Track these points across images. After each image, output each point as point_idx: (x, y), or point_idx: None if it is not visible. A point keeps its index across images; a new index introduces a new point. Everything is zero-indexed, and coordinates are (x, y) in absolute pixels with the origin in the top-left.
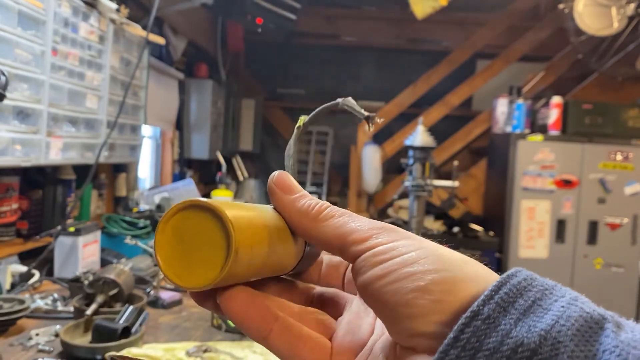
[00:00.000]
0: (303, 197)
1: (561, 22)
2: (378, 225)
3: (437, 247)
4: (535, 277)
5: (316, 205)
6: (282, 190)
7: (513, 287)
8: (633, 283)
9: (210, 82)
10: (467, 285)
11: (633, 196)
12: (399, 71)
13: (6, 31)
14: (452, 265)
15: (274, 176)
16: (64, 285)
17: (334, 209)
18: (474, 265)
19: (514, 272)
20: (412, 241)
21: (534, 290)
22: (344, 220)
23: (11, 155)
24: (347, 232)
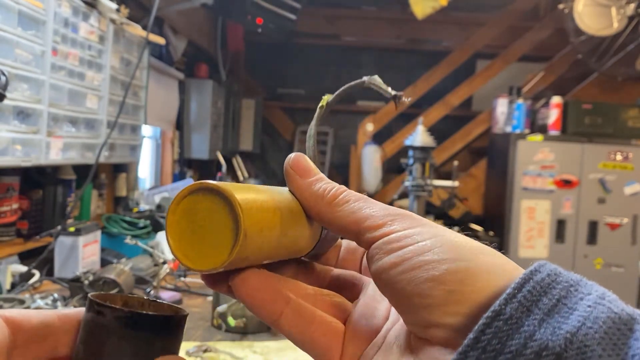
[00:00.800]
0: (319, 180)
1: (561, 22)
2: (394, 212)
3: (453, 235)
4: (559, 272)
5: (332, 189)
6: (298, 173)
7: (537, 284)
8: (633, 283)
9: (210, 82)
10: (484, 277)
11: (633, 196)
12: (399, 71)
13: (6, 31)
14: (468, 255)
15: (290, 158)
16: (64, 285)
17: (350, 194)
18: (490, 254)
19: (538, 267)
20: (428, 228)
21: (559, 287)
22: (359, 206)
23: (11, 155)
24: (361, 218)
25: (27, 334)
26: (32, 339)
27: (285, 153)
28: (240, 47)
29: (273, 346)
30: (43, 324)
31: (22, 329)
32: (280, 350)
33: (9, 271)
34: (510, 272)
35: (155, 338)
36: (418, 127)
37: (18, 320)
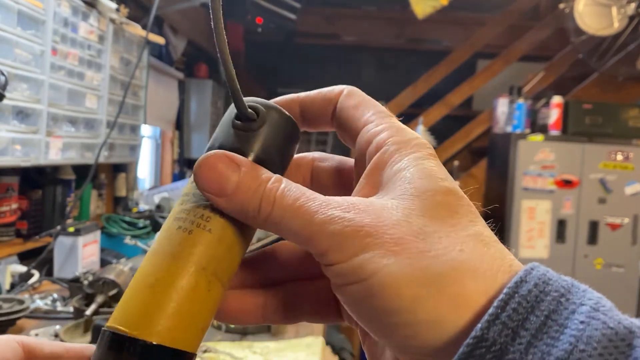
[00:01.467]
0: (240, 187)
1: (561, 22)
2: (332, 231)
3: (404, 260)
4: (548, 279)
5: (259, 198)
6: (213, 194)
7: (523, 299)
8: (633, 283)
9: (210, 82)
10: (462, 300)
11: (633, 196)
12: (399, 71)
13: (6, 31)
14: (413, 297)
15: (196, 173)
16: (63, 285)
17: (284, 199)
18: (469, 260)
19: (524, 276)
20: (373, 253)
21: (548, 298)
22: (298, 222)
23: (11, 155)
24: (303, 238)
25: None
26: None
27: None
28: (240, 47)
29: (273, 346)
30: (53, 355)
31: (34, 356)
32: (280, 350)
33: (8, 271)
34: (493, 282)
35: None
36: (418, 127)
37: (32, 346)
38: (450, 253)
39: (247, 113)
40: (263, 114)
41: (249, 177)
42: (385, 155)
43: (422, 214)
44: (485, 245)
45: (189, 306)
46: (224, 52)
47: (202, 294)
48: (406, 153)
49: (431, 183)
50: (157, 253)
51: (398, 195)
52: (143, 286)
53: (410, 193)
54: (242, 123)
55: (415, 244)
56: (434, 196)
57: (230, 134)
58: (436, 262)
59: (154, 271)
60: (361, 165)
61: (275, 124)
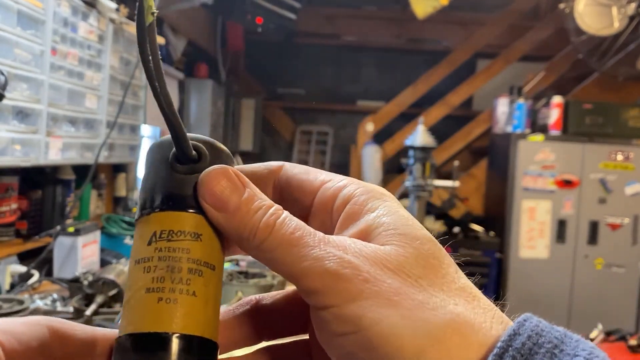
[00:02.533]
0: (244, 207)
1: (562, 22)
2: (327, 269)
3: (404, 312)
4: (542, 331)
5: (259, 223)
6: (214, 207)
7: (517, 352)
8: (634, 283)
9: (210, 82)
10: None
11: (634, 196)
12: (399, 71)
13: (6, 31)
14: (416, 354)
15: (202, 183)
16: (63, 285)
17: (282, 230)
18: (451, 341)
19: (517, 328)
20: (371, 302)
21: (542, 351)
22: (293, 255)
23: (10, 155)
24: (294, 274)
25: (69, 349)
26: (72, 356)
27: (285, 153)
28: (240, 47)
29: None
30: (87, 342)
31: (65, 343)
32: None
33: (8, 271)
34: (489, 333)
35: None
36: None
37: (63, 331)
38: (447, 306)
39: (192, 154)
40: (205, 153)
41: (253, 198)
42: (356, 206)
43: (416, 263)
44: (474, 298)
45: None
46: (160, 79)
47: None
48: (378, 202)
49: (416, 231)
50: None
51: (387, 241)
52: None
53: (399, 240)
54: (183, 166)
55: (415, 296)
56: (422, 245)
57: (172, 179)
58: (436, 315)
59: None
60: (323, 222)
61: (219, 162)
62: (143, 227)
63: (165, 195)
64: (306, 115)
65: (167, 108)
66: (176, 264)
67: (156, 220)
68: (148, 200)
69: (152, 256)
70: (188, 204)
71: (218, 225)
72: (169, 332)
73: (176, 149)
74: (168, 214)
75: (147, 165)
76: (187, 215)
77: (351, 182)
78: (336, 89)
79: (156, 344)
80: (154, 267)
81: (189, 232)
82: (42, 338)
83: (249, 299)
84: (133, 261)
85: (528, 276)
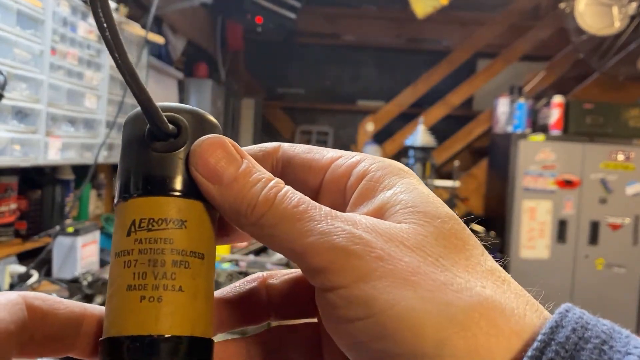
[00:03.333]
0: (241, 179)
1: (562, 22)
2: (335, 245)
3: (425, 293)
4: (587, 324)
5: (258, 196)
6: (207, 179)
7: (561, 347)
8: (634, 283)
9: (209, 82)
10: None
11: (634, 196)
12: (399, 71)
13: (5, 30)
14: (439, 340)
15: (194, 151)
16: (62, 285)
17: (284, 203)
18: (478, 326)
19: (560, 320)
20: (386, 282)
21: (589, 346)
22: (295, 230)
23: (10, 155)
24: (298, 251)
25: (50, 329)
26: (54, 336)
27: None
28: (240, 47)
29: None
30: (70, 321)
31: (47, 322)
32: None
33: (7, 272)
34: (523, 322)
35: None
36: (418, 127)
37: (44, 310)
38: (473, 288)
39: (167, 129)
40: (185, 126)
41: (251, 170)
42: (372, 182)
43: (436, 243)
44: (504, 282)
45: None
46: (119, 48)
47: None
48: (396, 178)
49: (437, 209)
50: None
51: (404, 219)
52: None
53: (418, 218)
54: (161, 142)
55: (436, 276)
56: (444, 224)
57: (149, 159)
58: (460, 298)
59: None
60: (334, 202)
61: (204, 134)
62: (121, 214)
63: (142, 177)
64: (306, 115)
65: (130, 79)
66: (159, 256)
67: (134, 208)
68: (125, 184)
69: (132, 249)
70: (169, 186)
71: (211, 199)
72: (154, 334)
73: (149, 124)
74: (147, 199)
75: (122, 143)
76: (169, 200)
77: (365, 157)
78: (336, 88)
79: (140, 349)
80: (134, 262)
81: (171, 220)
82: (21, 320)
83: (257, 276)
84: (113, 253)
85: (528, 276)
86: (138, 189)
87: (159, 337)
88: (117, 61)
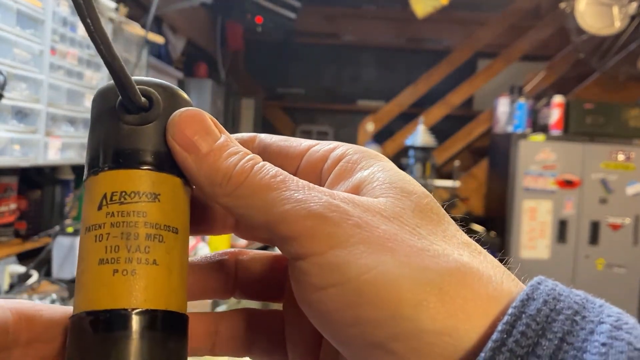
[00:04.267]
0: (217, 152)
1: (562, 22)
2: (312, 211)
3: (401, 258)
4: (559, 295)
5: (234, 167)
6: (183, 148)
7: (532, 319)
8: (635, 284)
9: (209, 82)
10: (453, 328)
11: (635, 196)
12: (399, 71)
13: (5, 30)
14: (433, 291)
15: (173, 121)
16: (62, 285)
17: (260, 174)
18: (462, 280)
19: (531, 292)
20: (362, 248)
21: (561, 317)
22: (271, 199)
23: (9, 155)
24: (273, 220)
25: (35, 331)
26: (39, 338)
27: None
28: (240, 47)
29: None
30: (53, 322)
31: (32, 325)
32: None
33: (7, 272)
34: (501, 288)
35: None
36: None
37: (26, 312)
38: (451, 255)
39: (139, 101)
40: (157, 99)
41: (228, 144)
42: (349, 164)
43: (413, 215)
44: (480, 253)
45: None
46: (92, 15)
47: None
48: (372, 160)
49: (414, 187)
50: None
51: (381, 194)
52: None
53: (395, 192)
54: (132, 115)
55: (413, 243)
56: (420, 199)
57: (120, 131)
58: (437, 263)
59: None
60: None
61: (176, 109)
62: (92, 188)
63: (113, 150)
64: (306, 115)
65: (104, 48)
66: (132, 229)
67: (105, 181)
68: (95, 158)
69: (103, 222)
70: (141, 159)
71: (187, 169)
72: (128, 308)
73: (121, 96)
74: (118, 172)
75: (92, 116)
76: (142, 173)
77: (341, 144)
78: (336, 88)
79: (115, 323)
80: (106, 235)
81: (144, 193)
82: (3, 322)
83: (228, 251)
84: (84, 228)
85: (529, 276)
86: (109, 162)
87: (135, 310)
88: (90, 27)
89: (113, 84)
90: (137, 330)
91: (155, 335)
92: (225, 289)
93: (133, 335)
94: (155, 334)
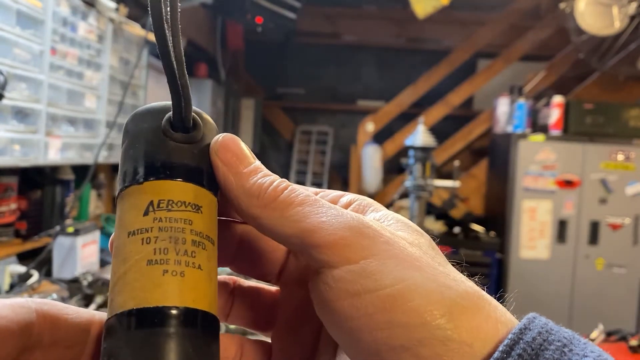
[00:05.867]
0: (253, 172)
1: (562, 22)
2: (348, 224)
3: (429, 276)
4: (551, 329)
5: (270, 185)
6: (226, 163)
7: (528, 345)
8: (635, 284)
9: (209, 82)
10: (465, 349)
11: (634, 196)
12: (399, 71)
13: (5, 30)
14: (445, 316)
15: (218, 141)
16: (62, 285)
17: (294, 192)
18: (471, 308)
19: (527, 324)
20: (394, 262)
21: (552, 347)
22: (305, 212)
23: (10, 155)
24: (307, 229)
25: (58, 335)
26: (62, 342)
27: (285, 153)
28: (240, 47)
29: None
30: (78, 327)
31: (56, 328)
32: None
33: (7, 272)
34: (494, 335)
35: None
36: (419, 127)
37: (54, 315)
38: (466, 282)
39: (190, 123)
40: (199, 123)
41: (262, 167)
42: (360, 206)
43: (429, 248)
44: (481, 287)
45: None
46: (174, 25)
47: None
48: (381, 207)
49: (422, 230)
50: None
51: (399, 229)
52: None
53: (410, 230)
54: (180, 134)
55: (435, 266)
56: (431, 239)
57: (168, 147)
58: (458, 285)
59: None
60: None
61: (212, 134)
62: (135, 196)
63: (161, 163)
64: (306, 115)
65: (177, 67)
66: (179, 235)
67: (152, 189)
68: (138, 169)
69: (150, 227)
70: (186, 173)
71: (226, 182)
72: (180, 306)
73: (176, 115)
74: (165, 182)
75: (132, 132)
76: (188, 185)
77: (347, 193)
78: (336, 88)
79: (165, 319)
80: (154, 238)
81: (189, 203)
82: (26, 321)
83: (230, 277)
84: (125, 233)
85: (529, 276)
86: (156, 173)
87: (184, 309)
88: (170, 50)
89: (158, 105)
90: (185, 327)
91: (200, 333)
92: (222, 312)
93: (182, 331)
94: (201, 332)
